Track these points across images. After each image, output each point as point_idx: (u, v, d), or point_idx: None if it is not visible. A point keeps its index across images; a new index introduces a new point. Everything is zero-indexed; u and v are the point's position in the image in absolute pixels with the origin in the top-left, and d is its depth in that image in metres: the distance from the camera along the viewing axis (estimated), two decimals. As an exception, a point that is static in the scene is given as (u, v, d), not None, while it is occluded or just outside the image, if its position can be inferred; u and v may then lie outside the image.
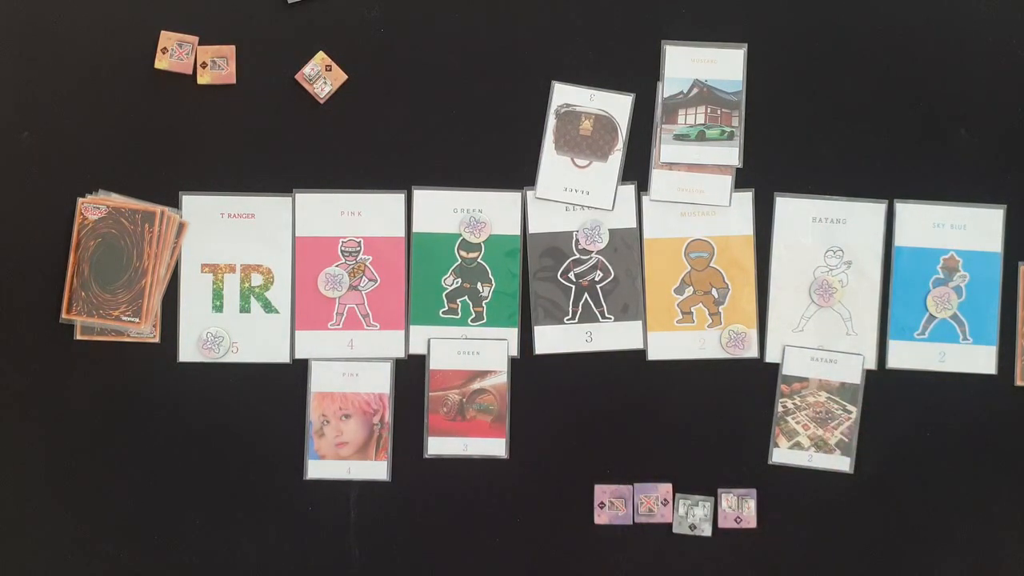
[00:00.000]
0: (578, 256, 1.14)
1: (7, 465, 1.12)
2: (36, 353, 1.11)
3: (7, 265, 1.11)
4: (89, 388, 1.11)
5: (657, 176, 1.13)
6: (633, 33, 1.13)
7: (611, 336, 1.13)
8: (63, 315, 1.09)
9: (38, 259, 1.10)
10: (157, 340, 1.11)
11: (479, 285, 1.13)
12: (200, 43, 1.11)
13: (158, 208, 1.09)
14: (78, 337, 1.11)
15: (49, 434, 1.12)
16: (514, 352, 1.13)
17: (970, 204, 1.13)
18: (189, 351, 1.12)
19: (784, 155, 1.13)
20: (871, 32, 1.13)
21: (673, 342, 1.13)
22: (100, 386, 1.11)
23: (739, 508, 1.12)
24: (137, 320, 1.09)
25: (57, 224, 1.10)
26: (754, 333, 1.13)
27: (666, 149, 1.13)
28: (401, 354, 1.13)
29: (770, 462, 1.13)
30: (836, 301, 1.13)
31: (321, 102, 1.12)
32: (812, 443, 1.13)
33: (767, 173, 1.13)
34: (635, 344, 1.13)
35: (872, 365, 1.13)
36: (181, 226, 1.11)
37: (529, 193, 1.13)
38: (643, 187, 1.13)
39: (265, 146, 1.12)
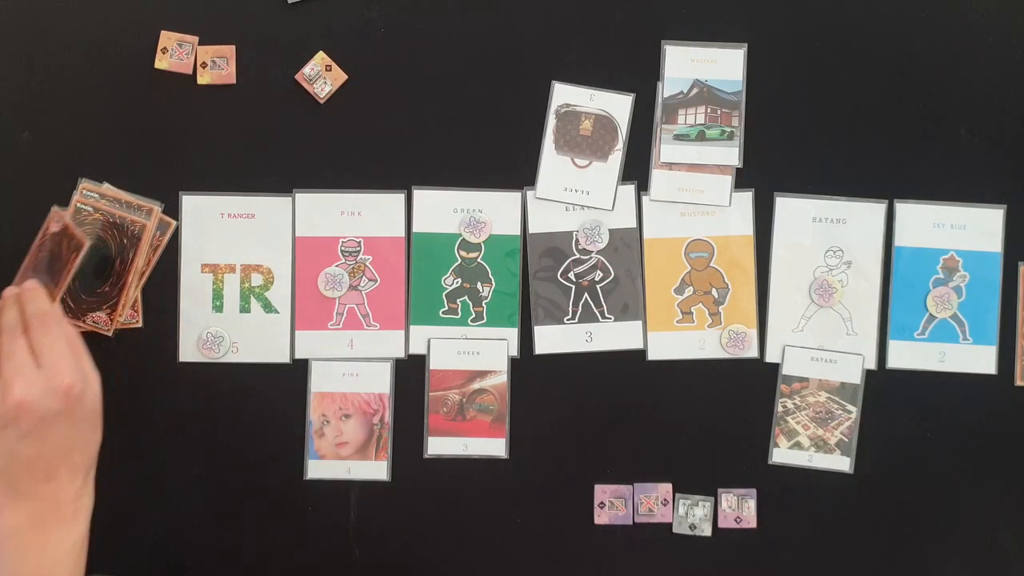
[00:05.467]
0: (578, 256, 1.14)
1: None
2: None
3: (6, 265, 1.11)
4: (89, 388, 1.11)
5: (657, 176, 1.14)
6: (633, 33, 1.13)
7: (611, 336, 1.13)
8: None
9: (38, 259, 1.10)
10: (140, 324, 1.11)
11: (479, 285, 1.13)
12: (200, 43, 1.11)
13: (129, 216, 1.09)
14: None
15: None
16: (514, 352, 1.13)
17: (970, 204, 1.13)
18: (189, 351, 1.12)
19: (784, 155, 1.13)
20: (871, 32, 1.13)
21: (673, 342, 1.13)
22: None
23: (739, 508, 1.12)
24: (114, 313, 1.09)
25: (57, 224, 1.10)
26: (754, 333, 1.13)
27: (666, 149, 1.13)
28: (401, 354, 1.13)
29: (770, 462, 1.13)
30: (836, 301, 1.13)
31: (321, 102, 1.12)
32: (812, 443, 1.13)
33: (767, 173, 1.13)
34: (635, 344, 1.13)
35: (872, 365, 1.13)
36: (166, 224, 1.11)
37: (529, 193, 1.13)
38: (643, 187, 1.13)
39: (265, 146, 1.12)
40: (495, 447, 1.13)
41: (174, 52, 1.11)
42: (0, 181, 1.11)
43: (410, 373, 1.13)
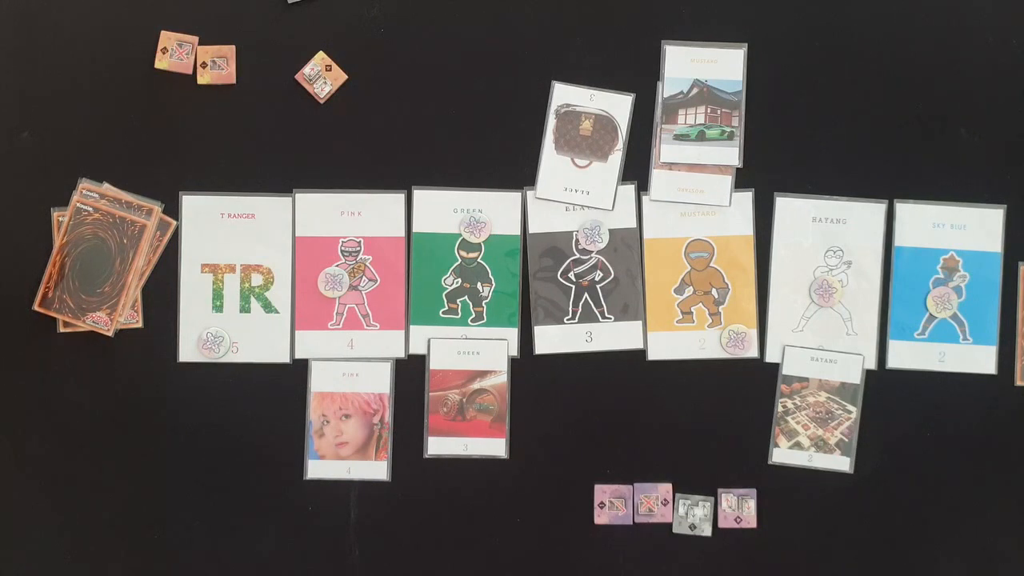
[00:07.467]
0: (578, 256, 1.14)
1: (6, 466, 1.12)
2: (33, 352, 1.11)
3: (8, 265, 1.11)
4: (87, 388, 1.11)
5: (657, 176, 1.14)
6: (633, 33, 1.13)
7: (611, 336, 1.13)
8: (35, 306, 1.09)
9: (38, 259, 1.10)
10: (140, 324, 1.11)
11: (479, 285, 1.13)
12: (200, 43, 1.11)
13: (129, 215, 1.09)
14: (61, 330, 1.11)
15: (48, 435, 1.12)
16: (514, 352, 1.13)
17: (970, 204, 1.13)
18: (189, 351, 1.12)
19: (784, 155, 1.13)
20: (871, 32, 1.13)
21: (673, 342, 1.13)
22: (98, 386, 1.12)
23: (739, 508, 1.12)
24: (112, 315, 1.09)
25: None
26: (754, 333, 1.13)
27: (666, 149, 1.13)
28: (401, 354, 1.13)
29: (770, 462, 1.13)
30: (836, 301, 1.13)
31: (321, 102, 1.12)
32: (812, 443, 1.13)
33: (767, 173, 1.13)
34: (635, 344, 1.13)
35: (872, 365, 1.13)
36: (167, 224, 1.11)
37: (529, 193, 1.13)
38: (643, 187, 1.13)
39: (265, 146, 1.12)
40: (495, 447, 1.13)
41: (174, 52, 1.11)
42: (0, 181, 1.11)
43: (410, 373, 1.13)
